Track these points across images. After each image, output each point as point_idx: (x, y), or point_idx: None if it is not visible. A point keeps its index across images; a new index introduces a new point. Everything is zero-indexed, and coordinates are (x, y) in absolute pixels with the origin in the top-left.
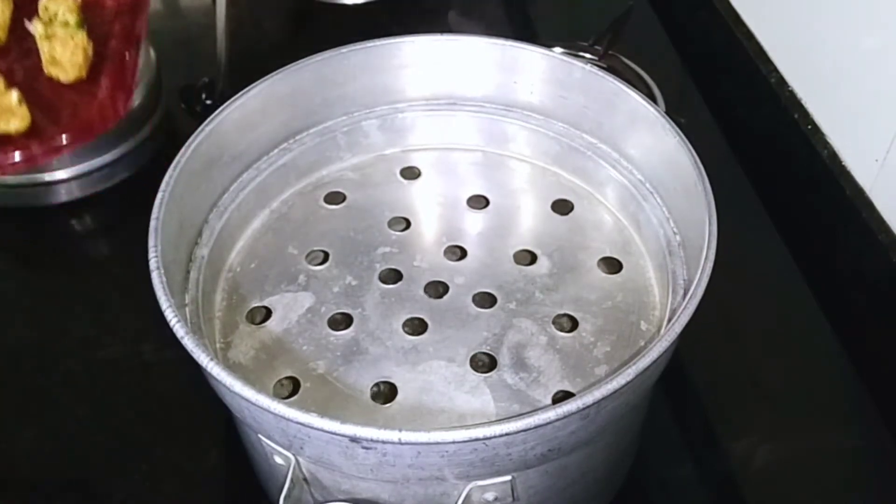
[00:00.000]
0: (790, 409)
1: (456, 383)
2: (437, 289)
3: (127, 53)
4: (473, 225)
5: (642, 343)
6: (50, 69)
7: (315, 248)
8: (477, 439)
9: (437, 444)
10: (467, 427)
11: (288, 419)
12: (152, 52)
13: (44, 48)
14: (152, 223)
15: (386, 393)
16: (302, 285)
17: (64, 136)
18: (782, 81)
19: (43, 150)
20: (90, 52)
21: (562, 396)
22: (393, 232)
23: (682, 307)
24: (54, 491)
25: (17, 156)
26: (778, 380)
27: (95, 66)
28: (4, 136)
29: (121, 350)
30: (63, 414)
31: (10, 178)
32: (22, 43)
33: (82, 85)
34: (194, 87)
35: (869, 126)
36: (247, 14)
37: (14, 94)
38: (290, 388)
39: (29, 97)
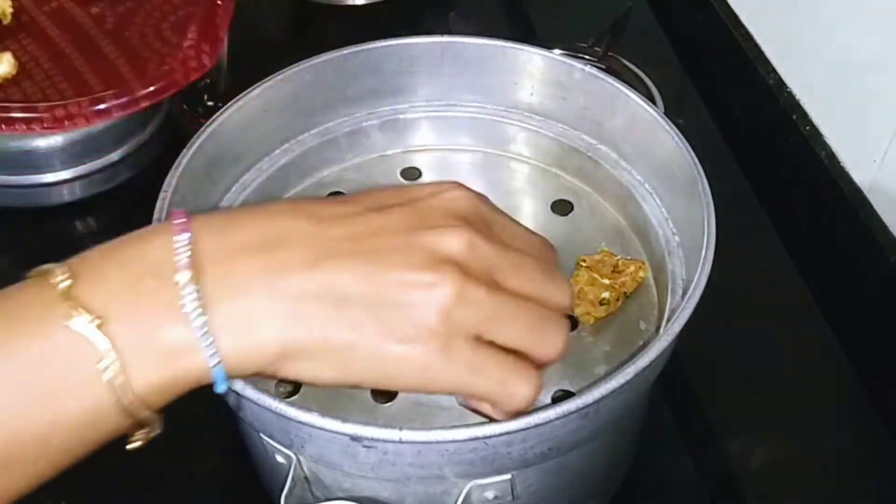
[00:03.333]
0: (789, 409)
1: None
2: None
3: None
4: None
5: (641, 343)
6: None
7: None
8: (477, 438)
9: (438, 442)
10: (468, 426)
11: (289, 418)
12: None
13: None
14: (154, 224)
15: (386, 392)
16: None
17: (144, 90)
18: (781, 83)
19: (120, 103)
20: None
21: (561, 396)
22: None
23: (681, 307)
24: (53, 490)
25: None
26: (777, 380)
27: (186, 15)
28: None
29: None
30: None
31: (12, 178)
32: None
33: (171, 35)
34: (196, 88)
35: (867, 127)
36: (248, 15)
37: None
38: (292, 387)
39: (118, 46)
